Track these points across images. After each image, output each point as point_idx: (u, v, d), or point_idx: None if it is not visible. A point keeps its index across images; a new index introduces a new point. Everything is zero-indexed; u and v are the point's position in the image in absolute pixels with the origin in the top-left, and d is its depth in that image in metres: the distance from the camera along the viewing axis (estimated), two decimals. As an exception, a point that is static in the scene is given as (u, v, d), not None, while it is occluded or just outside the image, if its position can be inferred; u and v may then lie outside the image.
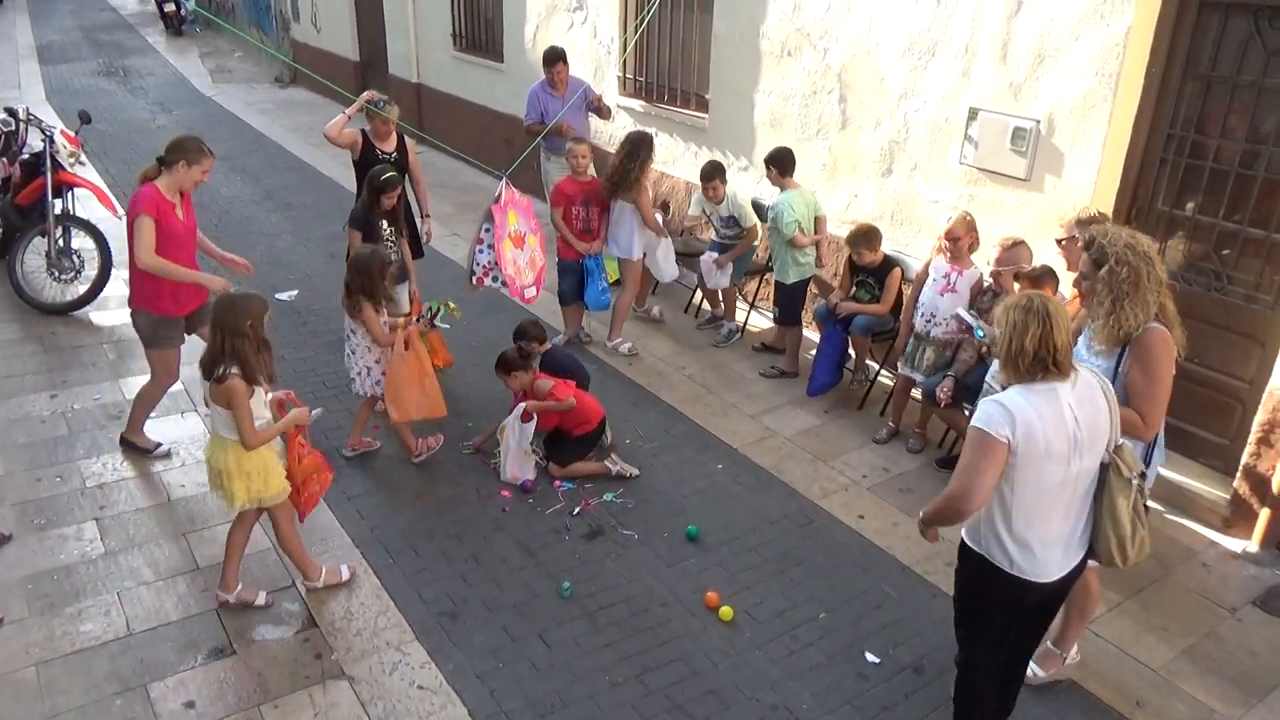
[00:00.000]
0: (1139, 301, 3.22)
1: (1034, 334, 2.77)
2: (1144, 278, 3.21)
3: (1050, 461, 2.81)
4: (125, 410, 5.50)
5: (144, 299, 4.78)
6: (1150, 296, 3.23)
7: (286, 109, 14.20)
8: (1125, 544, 2.97)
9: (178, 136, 4.76)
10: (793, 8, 6.52)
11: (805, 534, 4.72)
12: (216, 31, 20.26)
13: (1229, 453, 4.88)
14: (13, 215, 6.91)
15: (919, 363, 5.30)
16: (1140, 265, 3.21)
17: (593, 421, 5.12)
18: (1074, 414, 2.82)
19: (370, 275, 4.76)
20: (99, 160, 10.53)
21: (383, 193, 5.53)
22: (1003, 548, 2.95)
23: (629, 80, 8.38)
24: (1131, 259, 3.20)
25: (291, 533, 4.03)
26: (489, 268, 5.81)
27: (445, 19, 11.08)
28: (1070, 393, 2.83)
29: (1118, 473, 2.92)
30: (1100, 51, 4.87)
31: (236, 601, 4.01)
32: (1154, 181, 5.00)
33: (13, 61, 16.34)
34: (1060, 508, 2.92)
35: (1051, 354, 2.78)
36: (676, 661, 3.87)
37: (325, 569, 4.18)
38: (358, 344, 4.99)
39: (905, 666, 3.89)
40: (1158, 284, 3.25)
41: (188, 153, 4.62)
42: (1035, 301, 2.83)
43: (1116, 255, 3.22)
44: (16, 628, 3.83)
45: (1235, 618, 4.22)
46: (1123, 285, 3.21)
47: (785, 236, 6.01)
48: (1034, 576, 2.95)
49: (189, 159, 4.62)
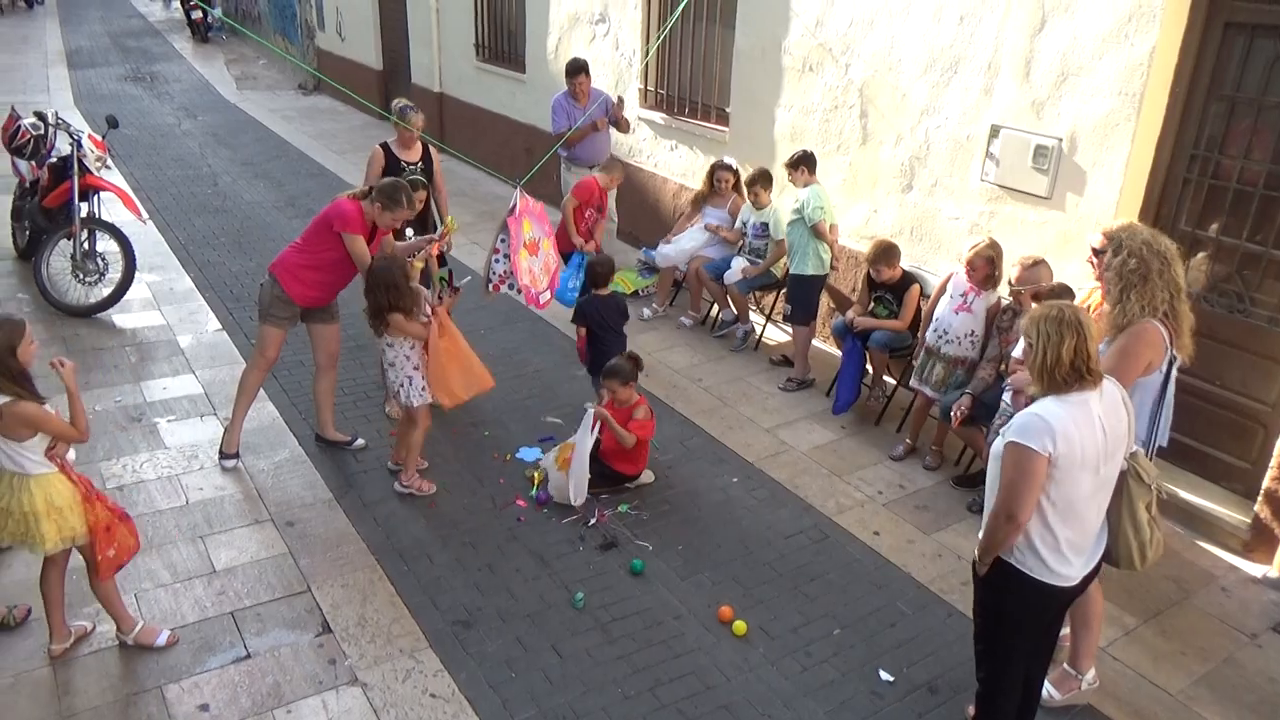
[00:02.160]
0: (1145, 294, 3.34)
1: (1070, 345, 2.80)
2: (1153, 273, 3.33)
3: (1085, 470, 2.85)
4: (145, 412, 5.57)
5: (284, 269, 4.90)
6: (1159, 293, 3.34)
7: (309, 116, 14.34)
8: (1145, 547, 3.03)
9: (388, 181, 4.90)
10: (815, 23, 6.54)
11: (820, 549, 4.71)
12: (242, 39, 20.50)
13: (1250, 476, 4.83)
14: (40, 218, 7.01)
15: (928, 376, 5.31)
16: (1151, 261, 3.33)
17: (638, 465, 5.08)
18: (1103, 424, 2.86)
19: (396, 287, 4.56)
20: (125, 164, 10.66)
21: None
22: (1037, 554, 2.96)
23: (650, 93, 8.42)
24: (1145, 254, 3.34)
25: (62, 580, 3.67)
26: (505, 276, 5.85)
27: (468, 29, 11.16)
28: (1099, 403, 2.87)
29: (1137, 478, 2.99)
30: (1124, 71, 4.86)
31: (134, 643, 3.77)
32: (1177, 201, 4.97)
33: (42, 66, 16.59)
34: (1092, 513, 2.96)
35: (1086, 363, 2.81)
36: (689, 675, 3.86)
37: (141, 626, 3.81)
38: (395, 356, 4.76)
39: (920, 685, 3.86)
40: (1172, 285, 3.35)
41: (386, 199, 4.76)
42: (1067, 312, 2.85)
43: (1130, 249, 3.36)
44: (34, 627, 3.86)
45: (1255, 644, 4.17)
46: (1130, 276, 3.34)
47: (811, 222, 6.02)
48: (1063, 581, 2.99)
49: (384, 204, 4.77)
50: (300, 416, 5.64)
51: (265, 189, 10.46)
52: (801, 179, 6.14)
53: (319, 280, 4.93)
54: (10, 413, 3.30)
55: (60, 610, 3.73)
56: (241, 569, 4.32)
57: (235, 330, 6.60)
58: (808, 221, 6.04)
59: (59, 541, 3.48)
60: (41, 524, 3.43)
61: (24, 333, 3.39)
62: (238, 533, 4.58)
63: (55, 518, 3.45)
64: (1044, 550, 2.95)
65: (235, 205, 9.53)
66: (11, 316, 3.43)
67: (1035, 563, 2.97)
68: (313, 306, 5.04)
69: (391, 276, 4.58)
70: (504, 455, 5.37)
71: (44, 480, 3.45)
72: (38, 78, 15.48)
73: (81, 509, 3.52)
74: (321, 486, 4.99)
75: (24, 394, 3.33)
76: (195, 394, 5.81)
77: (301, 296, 4.94)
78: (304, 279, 4.90)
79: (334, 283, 5.00)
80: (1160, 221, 5.02)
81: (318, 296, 5.00)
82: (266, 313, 4.98)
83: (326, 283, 4.97)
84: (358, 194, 4.89)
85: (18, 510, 3.43)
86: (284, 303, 4.94)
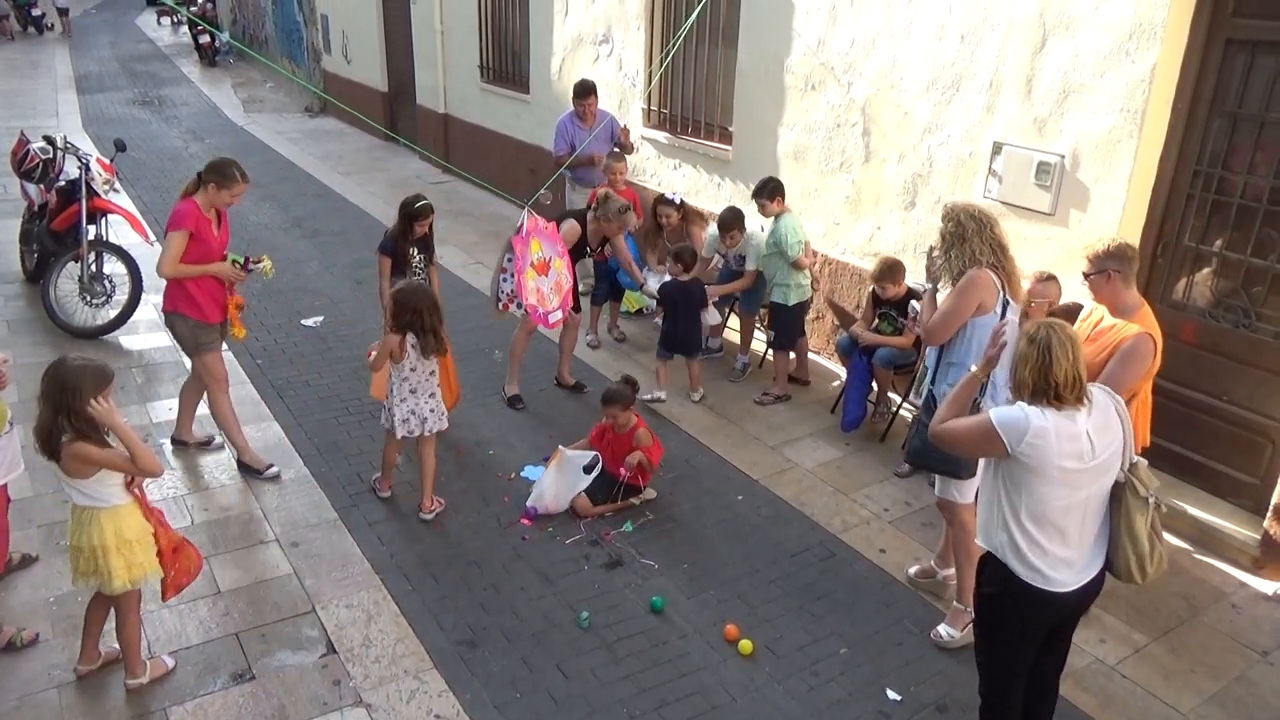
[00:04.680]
0: (965, 251, 3.89)
1: (1062, 366, 2.82)
2: (969, 233, 3.88)
3: (1058, 484, 2.87)
4: (152, 433, 5.57)
5: (185, 302, 4.92)
6: (979, 249, 3.87)
7: (316, 138, 14.45)
8: (1145, 561, 3.01)
9: (217, 158, 4.92)
10: (817, 42, 6.58)
11: (826, 567, 4.69)
12: (249, 63, 20.68)
13: (1259, 492, 4.80)
14: (48, 240, 7.06)
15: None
16: (968, 223, 3.89)
17: (645, 477, 5.12)
18: (1090, 437, 2.87)
19: (419, 312, 4.56)
20: (132, 187, 10.73)
21: (416, 220, 5.60)
22: (1021, 557, 2.97)
23: (653, 112, 8.46)
24: (962, 218, 3.90)
25: (138, 619, 3.69)
26: (512, 295, 5.87)
27: (473, 51, 11.25)
28: (1087, 420, 2.88)
29: (1134, 491, 2.98)
30: (1126, 88, 4.87)
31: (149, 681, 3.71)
32: (1180, 217, 4.97)
33: (51, 91, 16.76)
34: (1072, 525, 2.95)
35: (1054, 388, 2.83)
36: (695, 695, 3.83)
37: (149, 665, 3.75)
38: (419, 383, 4.74)
39: (928, 704, 3.83)
40: (993, 242, 3.90)
41: (219, 176, 4.78)
42: (1058, 332, 2.84)
43: (949, 216, 3.95)
44: (40, 649, 3.86)
45: (1266, 661, 4.13)
46: (950, 237, 3.93)
47: (791, 258, 6.03)
48: (1055, 586, 2.98)
49: (218, 182, 4.78)
50: (306, 437, 5.65)
51: (271, 210, 10.53)
52: (774, 209, 6.08)
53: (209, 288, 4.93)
54: (69, 453, 3.30)
55: (96, 636, 3.73)
56: (246, 590, 4.31)
57: (241, 352, 6.61)
58: (789, 256, 6.04)
59: (127, 582, 3.46)
60: (110, 559, 3.41)
61: (106, 386, 3.36)
62: (242, 553, 4.57)
63: (125, 552, 3.43)
64: (1030, 553, 2.96)
65: (242, 226, 9.57)
66: (103, 368, 3.41)
67: (1021, 565, 2.98)
68: (224, 317, 5.07)
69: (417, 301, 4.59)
70: (508, 474, 5.37)
71: (115, 513, 3.43)
72: (47, 102, 15.63)
73: (151, 542, 3.52)
74: (326, 506, 4.98)
75: (86, 433, 3.30)
76: (201, 415, 5.81)
77: (212, 313, 4.97)
78: (201, 295, 4.90)
79: (222, 285, 5.01)
80: (1164, 237, 5.03)
81: (221, 301, 5.01)
82: (196, 345, 5.02)
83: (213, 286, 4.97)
84: (187, 188, 4.86)
85: (87, 546, 3.42)
86: (204, 328, 4.98)
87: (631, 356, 7.02)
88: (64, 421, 3.28)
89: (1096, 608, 4.09)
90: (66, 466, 3.34)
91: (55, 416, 3.29)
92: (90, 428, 3.31)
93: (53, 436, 3.31)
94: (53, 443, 3.31)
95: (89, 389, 3.29)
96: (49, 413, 3.30)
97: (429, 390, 4.78)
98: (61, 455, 3.31)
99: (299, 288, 8.12)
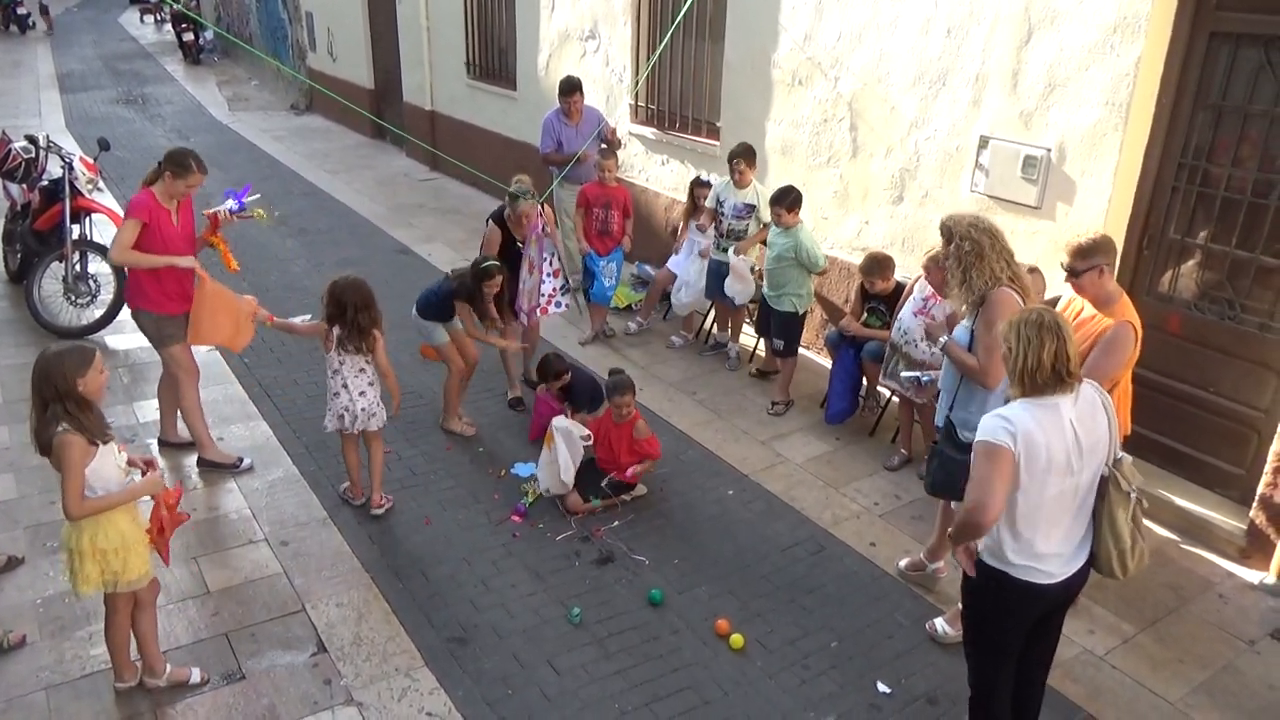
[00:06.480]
0: (984, 269, 3.69)
1: (1050, 349, 2.83)
2: (986, 249, 3.68)
3: (1051, 474, 2.87)
4: (139, 433, 5.54)
5: (142, 298, 4.93)
6: (996, 265, 3.70)
7: (301, 136, 14.37)
8: (1125, 556, 3.02)
9: (174, 148, 4.91)
10: (804, 37, 6.58)
11: (817, 561, 4.70)
12: (234, 60, 20.56)
13: (1245, 483, 4.84)
14: (32, 240, 7.01)
15: (892, 372, 5.33)
16: (982, 239, 3.69)
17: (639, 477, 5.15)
18: (1074, 429, 2.88)
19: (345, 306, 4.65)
20: (116, 186, 10.64)
21: (484, 280, 5.42)
22: (1008, 548, 2.99)
23: (641, 108, 8.45)
24: (974, 234, 3.69)
25: (126, 624, 3.58)
26: (553, 294, 6.01)
27: (460, 48, 11.21)
28: (1072, 408, 2.89)
29: (1116, 486, 2.99)
30: (1110, 81, 4.89)
31: (168, 683, 3.69)
32: (1165, 210, 5.00)
33: (34, 90, 16.61)
34: (1061, 515, 2.97)
35: (1065, 366, 2.84)
36: (687, 690, 3.84)
37: (170, 668, 3.73)
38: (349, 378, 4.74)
39: (918, 697, 3.85)
40: (1005, 254, 3.74)
41: (176, 165, 4.77)
42: (1046, 317, 2.86)
43: (960, 233, 3.72)
44: (27, 651, 3.83)
45: (1253, 650, 4.17)
46: (968, 256, 3.70)
47: (820, 268, 6.02)
48: (1041, 579, 3.00)
49: (175, 172, 4.77)
50: (294, 435, 5.63)
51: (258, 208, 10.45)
52: (790, 220, 5.96)
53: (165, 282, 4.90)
54: (57, 443, 3.21)
55: (124, 653, 3.63)
56: (235, 589, 4.29)
57: (228, 351, 6.57)
58: (814, 268, 5.98)
59: (100, 584, 3.36)
60: (85, 563, 3.32)
61: (90, 363, 3.27)
62: (231, 553, 4.55)
63: (99, 560, 3.33)
64: (1014, 545, 2.97)
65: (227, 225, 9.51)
66: (82, 345, 3.34)
67: (1007, 556, 3.00)
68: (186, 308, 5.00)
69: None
70: (499, 471, 5.36)
71: (95, 520, 3.31)
72: (30, 101, 15.50)
73: (135, 550, 3.40)
74: (316, 505, 4.97)
75: (82, 424, 3.23)
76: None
77: (169, 306, 4.95)
78: (157, 289, 4.89)
79: (181, 276, 4.92)
80: (1150, 229, 5.05)
81: (183, 293, 4.95)
82: (161, 338, 5.02)
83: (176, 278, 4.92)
84: (147, 177, 4.88)
85: (67, 545, 3.36)
86: (166, 320, 4.98)
87: (620, 352, 7.02)
88: (57, 409, 3.23)
89: (1085, 598, 4.13)
90: (54, 460, 3.25)
91: (46, 408, 3.24)
92: (82, 409, 3.26)
93: (45, 430, 3.25)
94: (45, 436, 3.25)
95: (72, 369, 3.23)
96: (39, 408, 3.26)
97: (359, 388, 4.73)
98: (52, 447, 3.24)
99: (286, 286, 8.08)
